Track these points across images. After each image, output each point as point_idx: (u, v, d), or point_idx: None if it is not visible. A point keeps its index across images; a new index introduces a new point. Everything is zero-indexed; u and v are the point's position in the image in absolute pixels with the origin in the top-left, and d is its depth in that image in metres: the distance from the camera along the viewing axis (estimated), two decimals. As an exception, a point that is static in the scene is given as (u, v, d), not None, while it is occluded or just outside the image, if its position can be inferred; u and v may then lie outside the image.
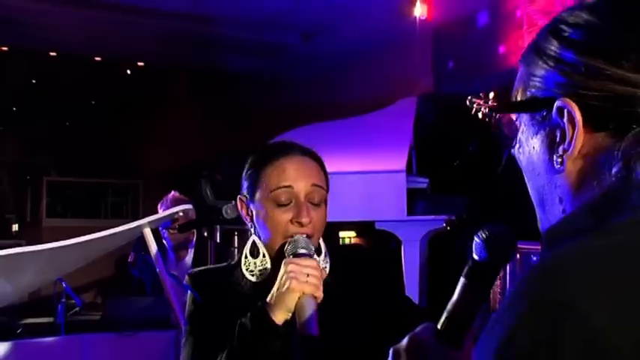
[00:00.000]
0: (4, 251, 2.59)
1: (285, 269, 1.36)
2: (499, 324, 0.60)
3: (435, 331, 0.90)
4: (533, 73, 0.77)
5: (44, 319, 3.69)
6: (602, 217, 0.67)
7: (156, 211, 3.68)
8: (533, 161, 0.78)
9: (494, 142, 0.90)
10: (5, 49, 7.25)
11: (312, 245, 1.43)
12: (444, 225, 4.49)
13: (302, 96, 7.43)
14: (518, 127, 0.80)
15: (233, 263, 1.57)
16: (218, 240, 5.38)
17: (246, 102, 8.29)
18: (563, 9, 0.79)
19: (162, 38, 6.81)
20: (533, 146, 0.77)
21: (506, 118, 0.83)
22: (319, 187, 1.48)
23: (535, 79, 0.76)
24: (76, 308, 3.33)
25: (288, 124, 5.16)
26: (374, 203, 4.38)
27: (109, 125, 10.19)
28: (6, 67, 7.46)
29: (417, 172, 4.87)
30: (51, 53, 7.47)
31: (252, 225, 1.52)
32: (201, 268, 1.63)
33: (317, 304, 1.34)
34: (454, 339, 0.90)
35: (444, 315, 0.91)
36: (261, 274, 1.49)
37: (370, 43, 6.36)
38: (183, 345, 1.50)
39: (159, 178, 9.86)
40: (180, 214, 3.47)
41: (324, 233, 1.52)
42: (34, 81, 8.84)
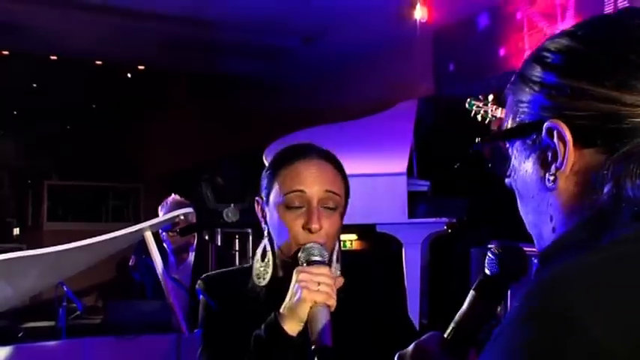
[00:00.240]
0: (5, 255, 2.59)
1: (296, 278, 1.32)
2: (502, 337, 0.62)
3: (441, 340, 0.92)
4: (521, 99, 0.79)
5: (45, 323, 3.69)
6: (595, 234, 0.69)
7: (157, 215, 3.68)
8: (527, 184, 0.80)
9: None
10: (6, 53, 7.27)
11: (326, 252, 1.37)
12: (445, 228, 4.49)
13: (302, 99, 7.43)
14: (511, 155, 0.82)
15: (246, 267, 1.54)
16: (219, 243, 5.38)
17: (246, 105, 8.30)
18: (561, 11, 0.81)
19: (163, 42, 6.82)
20: (526, 170, 0.79)
21: (498, 147, 0.85)
22: (334, 193, 1.43)
23: (522, 105, 0.79)
24: (77, 312, 3.33)
25: (288, 127, 5.16)
26: (375, 206, 4.38)
27: (109, 129, 10.20)
28: (7, 70, 7.47)
29: (417, 174, 4.87)
30: (52, 57, 7.48)
31: (267, 228, 1.48)
32: (213, 273, 1.58)
33: (330, 314, 1.30)
34: (459, 349, 0.91)
35: (452, 325, 0.92)
36: (264, 278, 1.46)
37: (371, 46, 6.36)
38: (200, 353, 1.46)
39: (160, 181, 9.87)
40: (181, 217, 3.46)
41: None
42: (35, 85, 8.86)
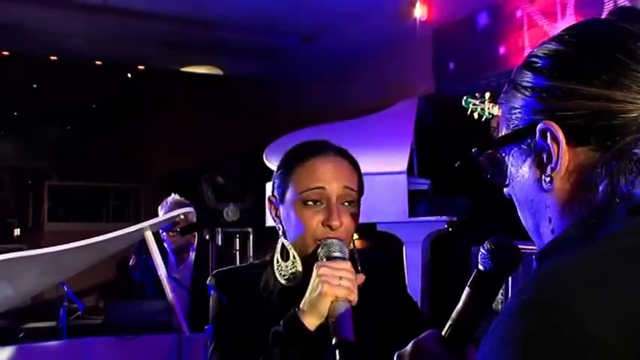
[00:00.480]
0: (6, 255, 2.60)
1: (316, 273, 1.32)
2: (498, 329, 0.63)
3: (439, 337, 0.92)
4: (513, 106, 0.81)
5: (46, 324, 3.69)
6: (591, 231, 0.71)
7: (157, 215, 3.68)
8: (524, 188, 0.81)
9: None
10: (6, 53, 7.27)
11: (346, 248, 1.37)
12: (446, 226, 4.48)
13: (303, 98, 7.43)
14: (508, 163, 0.83)
15: (257, 263, 1.52)
16: (219, 242, 5.39)
17: (246, 105, 8.29)
18: (561, 9, 0.82)
19: (163, 42, 6.82)
20: (523, 174, 0.81)
21: (495, 156, 0.85)
22: (351, 189, 1.42)
23: (515, 111, 0.81)
24: (78, 312, 3.33)
25: (288, 126, 5.16)
26: (375, 205, 4.37)
27: (109, 129, 10.19)
28: (7, 71, 7.47)
29: (418, 173, 4.87)
30: (52, 57, 7.48)
31: (281, 227, 1.46)
32: (225, 269, 1.55)
33: (351, 309, 1.29)
34: (457, 346, 0.92)
35: (449, 322, 0.93)
36: (293, 277, 1.43)
37: (370, 45, 6.36)
38: (212, 351, 1.44)
39: (160, 181, 9.87)
40: (181, 216, 3.47)
41: None
42: (35, 85, 8.85)
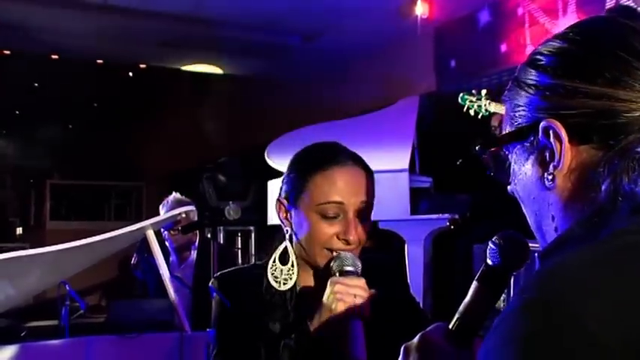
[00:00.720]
0: (8, 254, 2.59)
1: (331, 289, 1.30)
2: (501, 326, 0.63)
3: (446, 330, 0.92)
4: (517, 104, 0.81)
5: (48, 322, 3.70)
6: (594, 230, 0.71)
7: (159, 213, 3.68)
8: (527, 186, 0.81)
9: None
10: (7, 52, 7.27)
11: (359, 262, 1.36)
12: (448, 224, 4.48)
13: (304, 97, 7.43)
14: (511, 160, 0.83)
15: (259, 264, 1.50)
16: (221, 241, 5.39)
17: (247, 103, 8.29)
18: (563, 6, 0.82)
19: (164, 40, 6.81)
20: (525, 172, 0.81)
21: (498, 154, 0.86)
22: (369, 202, 1.42)
23: (519, 109, 0.81)
24: (80, 311, 3.33)
25: (290, 125, 5.16)
26: (377, 203, 4.35)
27: (111, 128, 10.19)
28: (8, 70, 7.47)
29: (419, 171, 4.87)
30: (53, 56, 7.48)
31: (290, 230, 1.44)
32: (227, 271, 1.53)
33: (364, 326, 1.28)
34: (464, 340, 0.92)
35: (456, 316, 0.93)
36: (285, 283, 1.43)
37: (372, 43, 6.35)
38: (214, 355, 1.43)
39: (162, 180, 9.88)
40: (183, 215, 3.47)
41: None
42: (36, 84, 8.85)
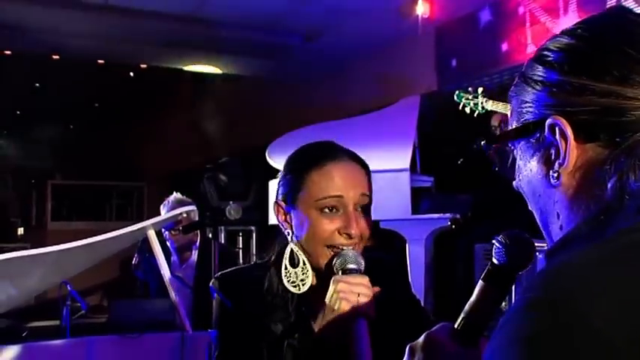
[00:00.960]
0: (9, 255, 2.60)
1: (334, 288, 1.28)
2: (507, 325, 0.63)
3: (452, 330, 0.92)
4: (524, 100, 0.81)
5: (50, 322, 3.69)
6: (600, 228, 0.70)
7: (160, 213, 3.68)
8: (532, 183, 0.81)
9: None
10: (8, 52, 7.27)
11: (362, 259, 1.34)
12: (449, 223, 4.48)
13: (305, 96, 7.43)
14: (517, 156, 0.83)
15: (260, 263, 1.49)
16: (222, 241, 5.39)
17: (248, 103, 8.29)
18: (563, 5, 0.81)
19: (165, 40, 6.81)
20: (531, 169, 0.80)
21: (503, 150, 0.86)
22: (367, 195, 1.41)
23: (526, 105, 0.80)
24: (82, 311, 3.33)
25: (291, 124, 5.16)
26: (378, 202, 4.30)
27: (112, 128, 10.21)
28: (9, 70, 7.48)
29: (421, 170, 4.87)
30: (54, 56, 7.48)
31: (290, 232, 1.42)
32: (227, 271, 1.51)
33: (369, 325, 1.25)
34: (470, 339, 0.91)
35: (462, 315, 0.92)
36: (303, 284, 1.40)
37: (372, 42, 6.35)
38: (217, 357, 1.41)
39: (163, 180, 9.89)
40: (184, 215, 3.47)
41: None
42: (37, 84, 8.86)
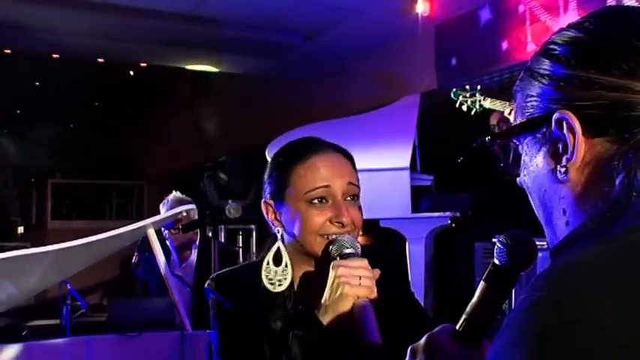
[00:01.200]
0: (9, 254, 2.59)
1: (334, 273, 1.27)
2: (511, 325, 0.62)
3: (454, 331, 0.91)
4: (530, 94, 0.79)
5: (50, 321, 3.69)
6: (606, 225, 0.69)
7: (160, 212, 3.68)
8: (538, 178, 0.79)
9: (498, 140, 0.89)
10: (8, 51, 7.27)
11: (357, 243, 1.34)
12: (449, 222, 4.48)
13: (305, 95, 7.42)
14: (522, 152, 0.81)
15: (255, 262, 1.48)
16: (222, 240, 5.38)
17: (249, 102, 8.29)
18: (564, 3, 0.80)
19: (165, 39, 6.81)
20: (537, 164, 0.78)
21: (509, 145, 0.84)
22: (354, 184, 1.41)
23: (532, 100, 0.78)
24: (81, 310, 3.34)
25: (291, 123, 5.15)
26: (378, 201, 4.37)
27: (112, 127, 10.21)
28: (9, 69, 7.47)
29: (421, 169, 4.87)
30: (54, 55, 7.48)
31: (281, 230, 1.42)
32: (223, 271, 1.50)
33: (374, 308, 1.24)
34: (472, 340, 0.91)
35: (463, 316, 0.92)
36: (280, 284, 1.40)
37: (373, 41, 6.35)
38: (220, 357, 1.40)
39: (163, 178, 9.89)
40: (183, 214, 3.46)
41: None
42: (37, 84, 8.86)
